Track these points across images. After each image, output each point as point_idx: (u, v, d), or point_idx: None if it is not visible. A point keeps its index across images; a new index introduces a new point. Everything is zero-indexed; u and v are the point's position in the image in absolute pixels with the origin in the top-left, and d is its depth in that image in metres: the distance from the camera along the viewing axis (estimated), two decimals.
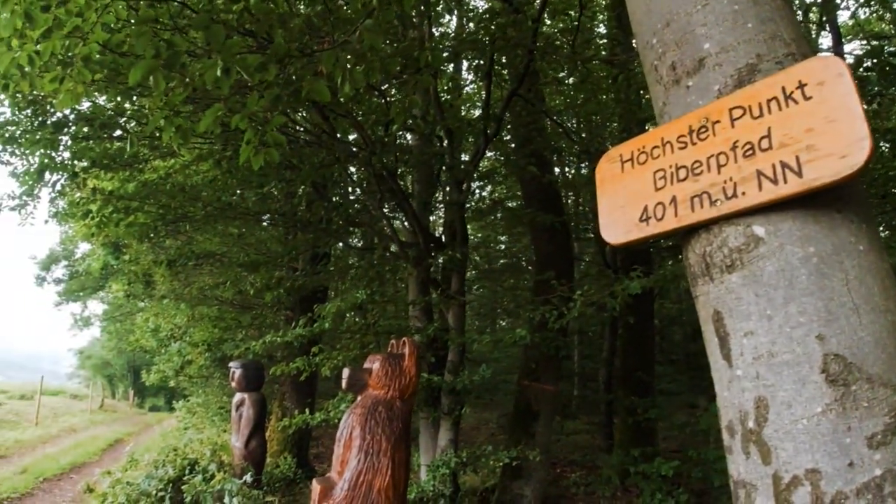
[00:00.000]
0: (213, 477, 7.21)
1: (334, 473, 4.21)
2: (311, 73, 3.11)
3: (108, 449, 17.39)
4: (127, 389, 42.37)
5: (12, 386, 35.13)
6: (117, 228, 7.88)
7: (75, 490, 10.81)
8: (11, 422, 19.71)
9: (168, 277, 10.16)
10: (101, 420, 25.91)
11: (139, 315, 15.45)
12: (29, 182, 8.63)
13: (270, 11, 3.17)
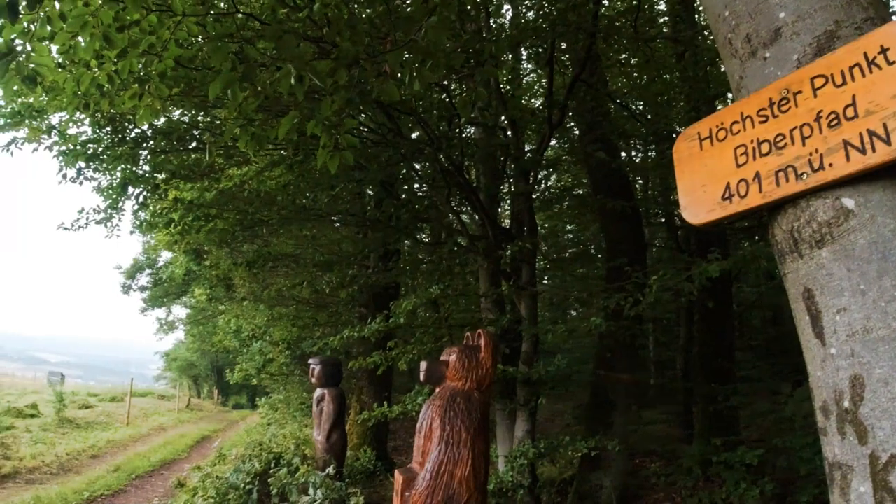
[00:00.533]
0: (298, 470, 7.44)
1: (416, 464, 4.30)
2: (377, 73, 3.17)
3: (196, 446, 18.12)
4: (211, 389, 44.01)
5: (103, 390, 36.97)
6: (198, 235, 8.22)
7: (166, 485, 11.32)
8: (104, 423, 20.71)
9: (247, 280, 10.51)
10: (188, 419, 26.99)
11: (221, 317, 16.02)
12: (113, 196, 9.07)
13: (337, 18, 3.24)
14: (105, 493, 10.29)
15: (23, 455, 12.38)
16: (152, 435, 19.66)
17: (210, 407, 37.93)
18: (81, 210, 9.89)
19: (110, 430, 18.79)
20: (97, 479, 11.12)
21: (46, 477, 11.23)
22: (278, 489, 7.18)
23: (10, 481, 10.48)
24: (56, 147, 8.10)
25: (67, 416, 19.80)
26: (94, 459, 13.77)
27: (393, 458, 11.68)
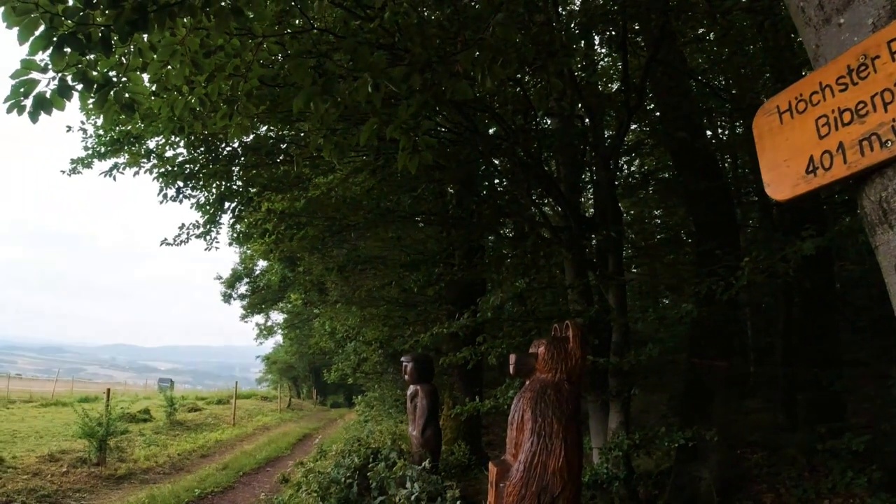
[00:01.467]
0: (395, 464, 7.62)
1: (509, 456, 4.34)
2: (448, 74, 3.23)
3: (297, 443, 18.81)
4: (310, 389, 45.50)
5: (210, 393, 38.84)
6: (291, 243, 8.55)
7: (271, 481, 11.80)
8: (212, 424, 21.77)
9: (339, 283, 10.83)
10: (290, 418, 28.02)
11: (316, 320, 16.56)
12: (211, 211, 9.57)
13: (408, 24, 3.32)
14: (215, 489, 10.81)
15: (137, 457, 13.16)
16: (257, 434, 20.53)
17: (309, 406, 39.20)
18: (182, 226, 10.51)
19: (218, 430, 19.75)
20: (207, 477, 11.70)
21: (160, 477, 11.90)
22: (377, 483, 7.38)
23: (125, 482, 11.16)
24: (155, 170, 8.63)
25: (178, 419, 20.96)
26: (204, 459, 14.50)
27: (487, 451, 11.75)
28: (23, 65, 2.79)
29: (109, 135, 8.41)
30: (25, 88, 2.81)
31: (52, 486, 9.96)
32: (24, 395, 26.62)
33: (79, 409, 13.22)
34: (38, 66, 2.80)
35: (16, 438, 14.88)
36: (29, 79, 2.81)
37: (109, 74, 3.13)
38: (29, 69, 2.79)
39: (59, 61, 2.78)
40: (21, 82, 2.80)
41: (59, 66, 2.83)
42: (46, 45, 2.71)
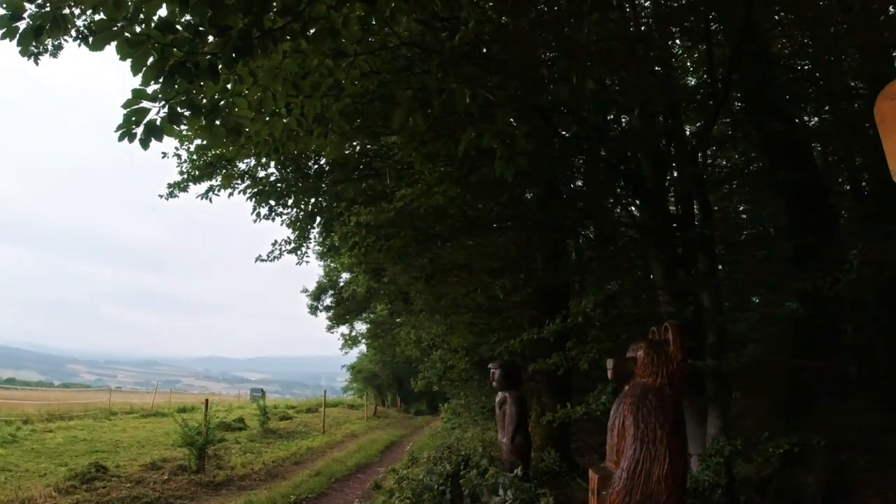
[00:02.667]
0: (487, 471, 7.58)
1: (610, 463, 4.23)
2: (546, 78, 3.19)
3: (385, 450, 19.03)
4: (394, 397, 46.06)
5: (299, 402, 39.91)
6: (379, 255, 8.68)
7: (363, 487, 11.94)
8: (302, 432, 22.31)
9: (424, 292, 10.88)
10: (376, 425, 28.40)
11: (401, 329, 16.74)
12: (302, 226, 9.88)
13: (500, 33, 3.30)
14: (309, 495, 11.03)
15: (234, 464, 13.60)
16: (346, 441, 20.89)
17: (394, 414, 39.65)
18: (275, 242, 11.03)
19: (309, 438, 20.21)
20: (301, 484, 11.96)
21: (256, 483, 12.23)
22: (469, 490, 7.36)
23: (224, 488, 11.52)
24: (249, 190, 8.98)
25: (271, 428, 21.60)
26: (297, 465, 14.84)
27: (576, 459, 11.52)
28: (133, 94, 2.92)
29: (202, 159, 8.81)
30: (137, 117, 2.94)
31: (155, 493, 10.39)
32: (125, 406, 28.01)
33: (179, 419, 13.80)
34: (147, 96, 2.93)
35: (119, 448, 15.67)
36: (140, 108, 2.94)
37: (215, 100, 3.24)
38: (139, 98, 2.92)
39: (169, 90, 2.90)
40: (133, 111, 2.93)
41: (168, 95, 2.95)
42: (158, 75, 2.83)
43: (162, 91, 2.91)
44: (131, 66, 2.80)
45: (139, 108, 2.92)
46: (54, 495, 9.51)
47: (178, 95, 2.98)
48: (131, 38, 2.69)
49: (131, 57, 2.75)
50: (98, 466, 11.52)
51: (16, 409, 21.96)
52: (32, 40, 2.84)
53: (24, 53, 3.15)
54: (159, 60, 2.78)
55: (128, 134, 2.96)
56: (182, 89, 2.97)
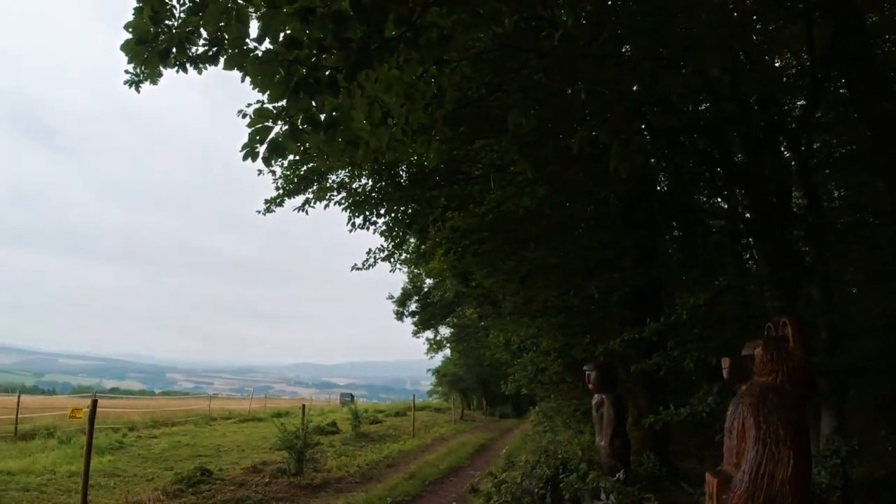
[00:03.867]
0: (587, 475, 7.40)
1: (728, 466, 4.04)
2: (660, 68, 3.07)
3: (475, 454, 18.98)
4: (479, 400, 46.06)
5: (387, 406, 40.51)
6: (473, 258, 8.67)
7: (457, 490, 11.91)
8: (393, 435, 22.60)
9: (517, 294, 10.76)
10: (464, 429, 28.43)
11: (490, 332, 16.69)
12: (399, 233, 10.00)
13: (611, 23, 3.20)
14: (405, 498, 11.08)
15: (330, 467, 13.87)
16: (435, 444, 20.99)
17: (481, 417, 39.64)
18: (369, 251, 11.27)
19: (399, 441, 20.45)
20: (396, 486, 12.03)
21: (351, 486, 12.40)
22: (570, 494, 7.21)
23: (322, 491, 11.73)
24: (344, 201, 9.18)
25: (362, 431, 22.02)
26: (390, 468, 14.98)
27: (676, 462, 11.11)
28: (256, 114, 2.99)
29: (296, 174, 9.06)
30: (261, 136, 3.01)
31: (257, 495, 10.68)
32: (224, 412, 29.15)
33: (277, 424, 14.21)
34: (270, 114, 3.00)
35: (220, 452, 16.30)
36: (263, 126, 3.00)
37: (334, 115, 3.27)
38: (262, 117, 2.99)
39: (293, 106, 2.95)
40: (256, 130, 3.00)
41: (292, 111, 3.00)
42: (284, 92, 2.88)
43: (287, 107, 2.96)
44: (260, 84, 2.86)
45: (262, 127, 2.99)
46: (162, 498, 9.92)
47: (299, 112, 3.02)
48: (261, 55, 2.75)
49: (260, 74, 2.81)
50: (203, 470, 11.99)
51: (122, 417, 23.16)
52: (159, 63, 2.95)
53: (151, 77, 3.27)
54: (286, 77, 2.83)
55: (251, 153, 3.04)
56: (305, 105, 3.01)
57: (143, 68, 3.06)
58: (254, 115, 2.95)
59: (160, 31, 2.90)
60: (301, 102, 2.91)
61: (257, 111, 2.94)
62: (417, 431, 23.79)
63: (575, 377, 11.84)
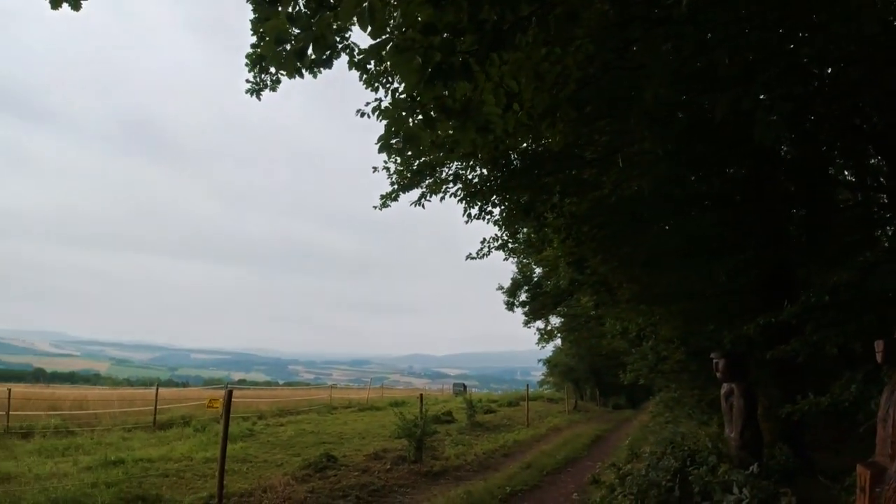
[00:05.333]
0: (718, 468, 7.10)
1: (881, 457, 3.73)
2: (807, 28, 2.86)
3: (592, 444, 18.69)
4: (592, 390, 45.33)
5: (499, 396, 40.66)
6: (592, 243, 8.49)
7: (577, 482, 11.75)
8: (507, 425, 22.65)
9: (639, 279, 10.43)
10: (578, 419, 28.07)
11: (606, 321, 16.33)
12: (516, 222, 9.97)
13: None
14: (523, 487, 11.06)
15: (448, 455, 14.07)
16: (550, 435, 20.86)
17: (594, 408, 39.02)
18: (483, 240, 11.35)
19: (514, 431, 20.46)
20: (514, 476, 12.03)
21: (469, 474, 12.50)
22: (700, 487, 6.93)
23: (441, 478, 11.90)
24: (460, 192, 9.24)
25: (477, 421, 22.15)
26: (506, 458, 15.01)
27: (812, 454, 10.44)
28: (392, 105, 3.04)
29: (409, 169, 9.19)
30: (396, 126, 3.06)
31: (380, 481, 10.98)
32: (343, 401, 30.21)
33: (396, 413, 14.58)
34: (404, 105, 3.04)
35: (343, 439, 16.89)
36: (399, 118, 3.05)
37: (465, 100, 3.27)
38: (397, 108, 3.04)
39: (428, 94, 2.98)
40: (392, 121, 3.05)
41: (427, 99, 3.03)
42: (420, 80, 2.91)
43: (422, 95, 2.98)
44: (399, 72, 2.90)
45: (398, 118, 3.03)
46: (292, 483, 10.37)
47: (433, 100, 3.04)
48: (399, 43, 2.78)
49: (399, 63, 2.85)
50: (328, 456, 12.48)
51: (251, 407, 24.55)
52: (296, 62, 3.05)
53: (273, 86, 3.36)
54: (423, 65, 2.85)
55: (387, 146, 3.09)
56: (438, 92, 3.02)
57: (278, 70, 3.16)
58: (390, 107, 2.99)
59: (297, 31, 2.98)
60: (435, 90, 2.91)
61: (392, 102, 2.99)
62: (531, 421, 23.73)
63: (698, 366, 11.37)
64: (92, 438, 15.51)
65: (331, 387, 37.75)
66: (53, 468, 10.89)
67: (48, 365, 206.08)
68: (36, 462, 11.56)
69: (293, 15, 2.93)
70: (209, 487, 9.63)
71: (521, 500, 10.28)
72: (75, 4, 5.28)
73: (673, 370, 13.22)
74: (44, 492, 8.61)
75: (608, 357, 26.50)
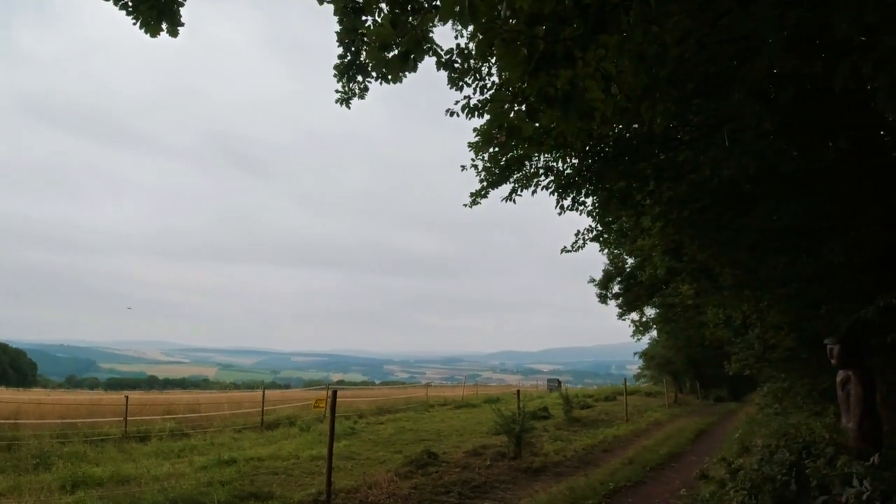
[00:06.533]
0: (836, 460, 6.74)
1: None
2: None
3: (696, 439, 18.19)
4: (692, 383, 43.99)
5: (594, 391, 40.16)
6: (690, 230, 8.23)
7: (682, 477, 11.45)
8: (605, 420, 22.35)
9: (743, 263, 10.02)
10: (679, 413, 27.35)
11: (710, 309, 15.78)
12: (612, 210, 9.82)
13: None
14: (627, 483, 10.88)
15: (547, 451, 14.00)
16: (651, 430, 20.42)
17: (695, 401, 37.88)
18: (577, 233, 11.26)
19: (613, 426, 20.15)
20: (616, 471, 11.88)
21: (570, 470, 12.39)
22: (818, 480, 6.59)
23: (542, 474, 11.85)
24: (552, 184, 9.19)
25: (574, 416, 21.97)
26: (606, 453, 14.81)
27: None
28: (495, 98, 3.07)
29: (498, 165, 9.19)
30: (500, 120, 3.09)
31: (480, 477, 11.06)
32: (439, 399, 30.60)
33: (493, 409, 14.65)
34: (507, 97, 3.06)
35: (441, 436, 17.13)
36: (503, 110, 3.08)
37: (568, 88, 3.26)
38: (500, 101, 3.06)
39: (534, 83, 2.99)
40: (497, 115, 3.08)
41: (532, 89, 3.04)
42: (525, 70, 2.92)
43: (528, 85, 2.99)
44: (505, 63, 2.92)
45: (502, 112, 3.05)
46: (395, 479, 10.60)
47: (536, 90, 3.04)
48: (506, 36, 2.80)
49: (505, 55, 2.87)
50: (428, 453, 12.70)
51: (351, 406, 25.25)
52: (400, 66, 3.13)
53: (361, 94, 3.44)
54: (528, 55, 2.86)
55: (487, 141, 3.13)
56: (542, 82, 3.02)
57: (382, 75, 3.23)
58: (492, 101, 3.02)
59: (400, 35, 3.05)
60: (539, 79, 2.90)
61: (495, 96, 3.03)
62: (630, 416, 23.32)
63: (809, 353, 10.80)
64: (205, 440, 16.37)
65: (426, 385, 38.25)
66: (170, 469, 11.54)
67: (160, 372, 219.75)
68: (154, 464, 12.27)
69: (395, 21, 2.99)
70: (317, 484, 9.98)
71: (625, 497, 10.10)
72: (173, 31, 5.61)
73: (782, 359, 12.58)
74: (162, 492, 9.13)
75: (708, 348, 25.56)
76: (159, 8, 5.31)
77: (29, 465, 11.68)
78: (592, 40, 2.80)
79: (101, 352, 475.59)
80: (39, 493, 9.22)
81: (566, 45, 2.79)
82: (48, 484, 9.84)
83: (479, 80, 7.12)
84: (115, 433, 16.15)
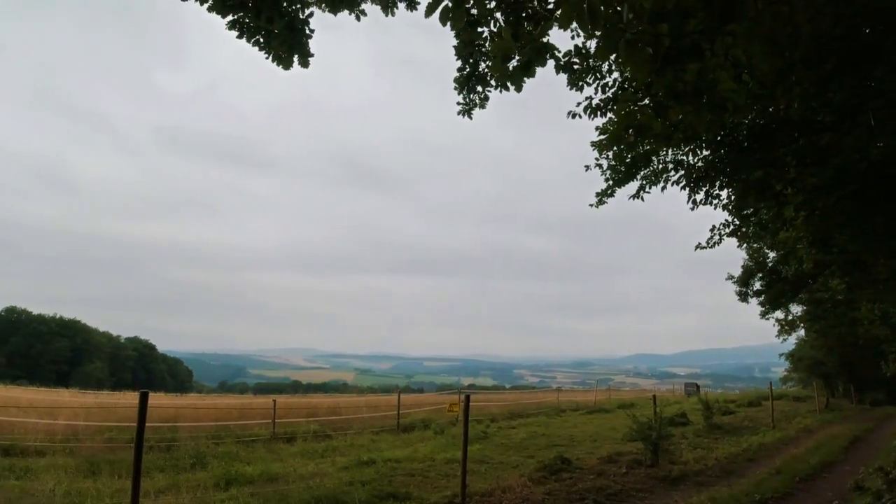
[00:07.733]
0: None
1: None
2: None
3: (850, 447, 16.89)
4: (846, 386, 40.78)
5: (736, 395, 38.12)
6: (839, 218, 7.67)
7: (834, 489, 10.65)
8: (749, 427, 21.15)
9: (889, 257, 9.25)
10: (831, 419, 25.47)
11: (864, 305, 14.63)
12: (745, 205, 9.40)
13: None
14: (773, 495, 10.23)
15: (686, 459, 13.43)
16: (800, 437, 19.18)
17: (848, 406, 35.21)
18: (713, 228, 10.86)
19: (758, 434, 19.03)
20: (762, 482, 11.18)
21: (710, 479, 11.78)
22: None
23: (681, 483, 11.35)
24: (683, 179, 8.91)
25: (715, 423, 20.93)
26: (751, 462, 13.99)
27: None
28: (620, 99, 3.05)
29: (621, 163, 8.99)
30: (627, 120, 3.06)
31: (616, 485, 10.76)
32: (571, 404, 30.22)
33: (629, 415, 14.25)
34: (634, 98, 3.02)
35: (574, 442, 16.91)
36: (631, 111, 3.05)
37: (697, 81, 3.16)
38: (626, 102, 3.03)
39: (661, 81, 2.93)
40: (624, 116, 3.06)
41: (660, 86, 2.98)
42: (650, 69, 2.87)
43: (654, 83, 2.94)
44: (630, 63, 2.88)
45: (629, 112, 3.02)
46: (529, 484, 10.55)
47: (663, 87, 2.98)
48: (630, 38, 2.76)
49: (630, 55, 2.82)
50: (562, 459, 12.53)
51: (483, 410, 25.48)
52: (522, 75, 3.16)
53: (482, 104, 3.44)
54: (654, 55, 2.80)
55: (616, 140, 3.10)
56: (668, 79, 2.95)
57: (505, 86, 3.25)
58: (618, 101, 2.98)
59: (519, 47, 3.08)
60: (666, 76, 2.83)
61: (621, 96, 2.98)
62: (777, 422, 21.93)
63: None
64: (345, 441, 17.12)
65: (556, 389, 37.87)
66: (314, 468, 12.13)
67: (302, 377, 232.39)
68: (299, 463, 12.96)
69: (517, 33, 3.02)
70: (452, 486, 10.12)
71: None
72: (304, 62, 5.91)
73: None
74: (308, 490, 9.60)
75: (863, 347, 23.58)
76: (290, 42, 5.60)
77: (186, 465, 12.61)
78: (720, 30, 2.68)
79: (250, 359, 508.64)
80: (196, 491, 9.93)
81: (692, 39, 2.69)
82: (204, 482, 10.59)
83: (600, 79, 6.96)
84: (264, 434, 17.21)
